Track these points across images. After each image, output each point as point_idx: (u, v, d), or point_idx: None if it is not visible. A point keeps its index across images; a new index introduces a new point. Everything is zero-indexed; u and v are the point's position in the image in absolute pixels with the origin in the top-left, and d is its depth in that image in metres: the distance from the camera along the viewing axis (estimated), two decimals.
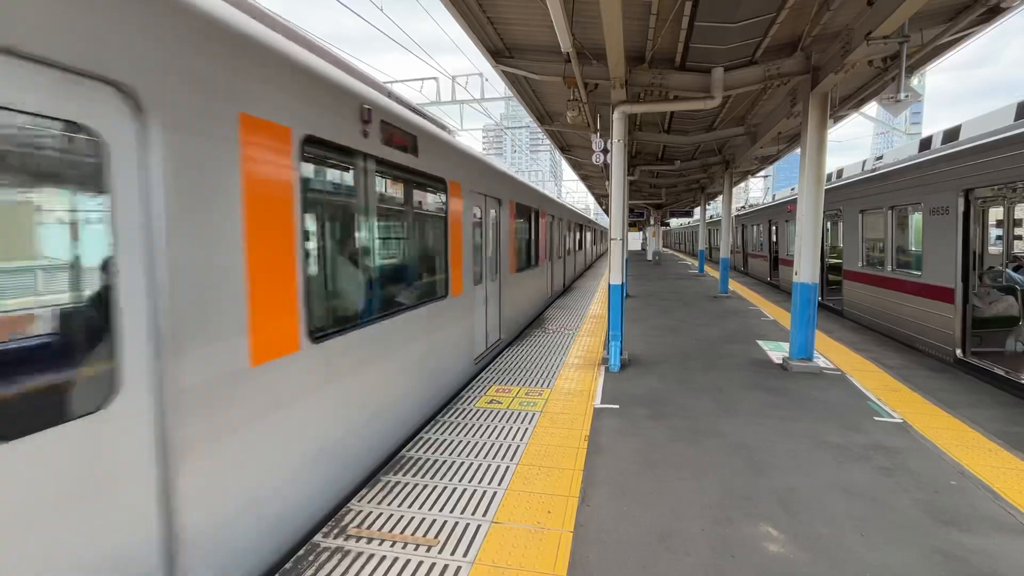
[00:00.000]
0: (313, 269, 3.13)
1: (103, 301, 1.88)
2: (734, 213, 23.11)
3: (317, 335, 3.05)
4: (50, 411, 1.72)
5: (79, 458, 1.76)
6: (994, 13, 5.53)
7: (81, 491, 1.77)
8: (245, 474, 2.51)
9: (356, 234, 3.69)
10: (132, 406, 1.94)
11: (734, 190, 16.13)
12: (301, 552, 2.78)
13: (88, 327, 1.88)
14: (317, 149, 3.12)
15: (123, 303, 1.91)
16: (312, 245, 3.13)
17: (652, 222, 30.51)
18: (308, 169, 3.04)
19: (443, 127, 5.77)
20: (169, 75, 2.08)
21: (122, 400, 1.90)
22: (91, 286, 1.88)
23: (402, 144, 4.19)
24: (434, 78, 16.50)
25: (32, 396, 1.70)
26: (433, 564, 2.69)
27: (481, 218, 6.71)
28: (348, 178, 3.59)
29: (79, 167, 1.83)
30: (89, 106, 1.79)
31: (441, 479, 3.63)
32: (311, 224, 3.11)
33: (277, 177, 2.73)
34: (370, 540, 2.90)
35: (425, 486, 3.53)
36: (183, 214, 2.14)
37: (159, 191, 2.04)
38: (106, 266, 1.88)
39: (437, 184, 5.05)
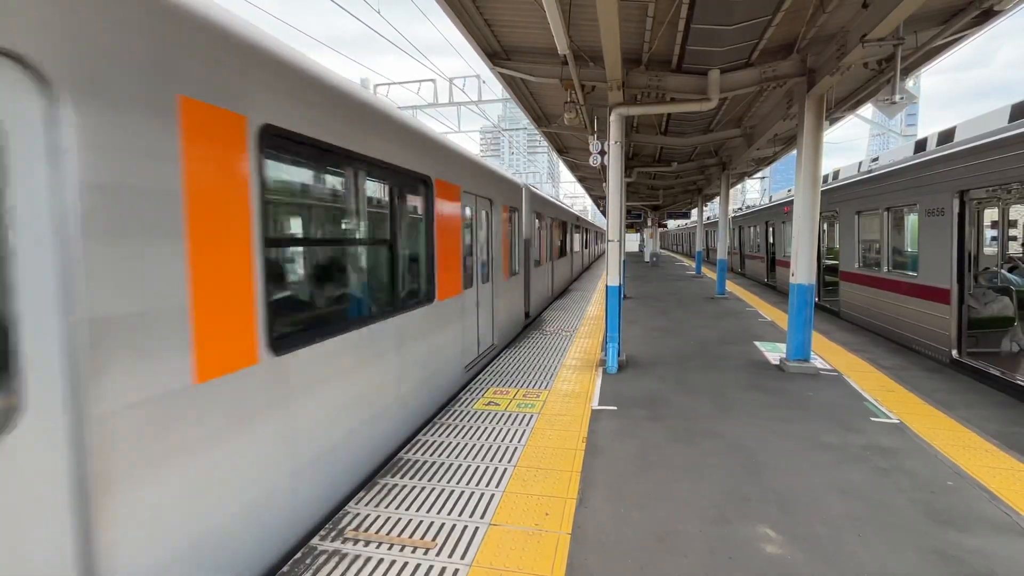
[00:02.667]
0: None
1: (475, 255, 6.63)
2: (731, 215, 23.20)
3: (513, 274, 8.35)
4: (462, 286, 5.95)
5: (462, 303, 6.01)
6: (988, 15, 5.56)
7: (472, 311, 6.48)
8: (503, 310, 7.94)
9: (524, 239, 9.46)
10: (473, 292, 6.35)
11: (731, 192, 16.17)
12: (298, 555, 2.77)
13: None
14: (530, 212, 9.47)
15: (473, 258, 6.49)
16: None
17: (649, 224, 30.56)
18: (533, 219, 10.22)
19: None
20: (489, 191, 7.10)
21: (466, 291, 6.05)
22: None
23: (543, 203, 11.09)
24: (432, 80, 16.53)
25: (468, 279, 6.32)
26: (431, 567, 2.68)
27: (539, 228, 11.74)
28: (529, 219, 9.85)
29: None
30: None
31: (439, 481, 3.62)
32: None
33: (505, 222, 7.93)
34: (367, 543, 2.90)
35: (423, 488, 3.52)
36: (493, 236, 7.33)
37: (496, 227, 7.36)
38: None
39: (538, 216, 10.95)
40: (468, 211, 6.27)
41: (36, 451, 1.66)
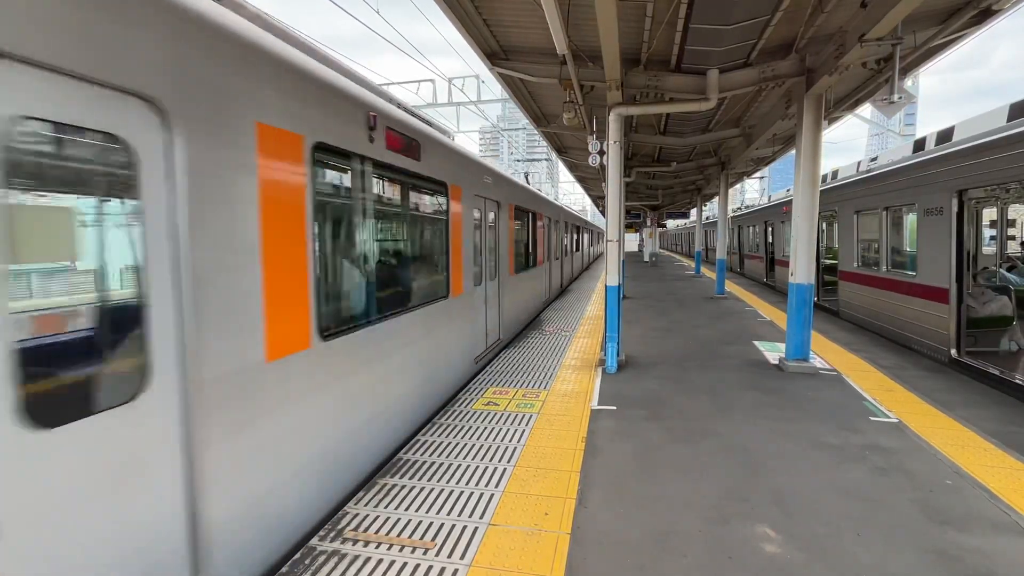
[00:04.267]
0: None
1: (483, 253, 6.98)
2: (730, 214, 23.20)
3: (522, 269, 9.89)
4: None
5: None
6: (986, 15, 5.57)
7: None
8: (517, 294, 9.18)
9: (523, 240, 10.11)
10: (493, 283, 7.36)
11: (730, 191, 16.18)
12: (297, 556, 2.77)
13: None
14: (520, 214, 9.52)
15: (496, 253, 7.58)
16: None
17: (648, 223, 30.57)
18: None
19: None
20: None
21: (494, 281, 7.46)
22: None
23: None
24: (431, 80, 16.50)
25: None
26: (430, 567, 2.68)
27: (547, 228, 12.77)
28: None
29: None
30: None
31: (438, 482, 3.62)
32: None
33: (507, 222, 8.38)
34: (367, 543, 2.89)
35: (422, 489, 3.52)
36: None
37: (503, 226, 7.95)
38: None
39: (540, 216, 11.51)
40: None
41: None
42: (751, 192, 41.23)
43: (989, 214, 8.24)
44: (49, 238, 1.92)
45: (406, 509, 3.26)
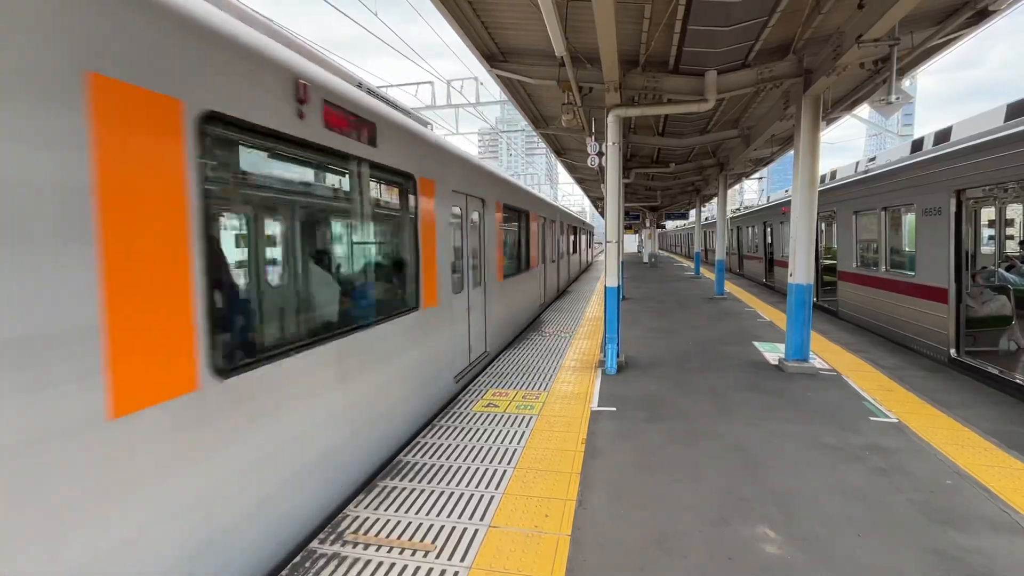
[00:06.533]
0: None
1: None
2: (729, 215, 23.23)
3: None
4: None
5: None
6: (983, 16, 5.59)
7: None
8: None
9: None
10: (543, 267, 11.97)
11: (729, 192, 16.20)
12: (297, 559, 2.76)
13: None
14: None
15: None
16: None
17: (648, 224, 30.60)
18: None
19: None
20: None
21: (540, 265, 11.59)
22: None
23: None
24: (429, 82, 16.48)
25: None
26: (430, 569, 2.68)
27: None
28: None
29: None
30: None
31: (438, 484, 3.61)
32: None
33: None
34: (367, 546, 2.89)
35: (422, 491, 3.51)
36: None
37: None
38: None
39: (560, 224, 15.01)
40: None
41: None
42: (750, 193, 41.30)
43: (987, 214, 8.26)
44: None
45: (406, 511, 3.25)
